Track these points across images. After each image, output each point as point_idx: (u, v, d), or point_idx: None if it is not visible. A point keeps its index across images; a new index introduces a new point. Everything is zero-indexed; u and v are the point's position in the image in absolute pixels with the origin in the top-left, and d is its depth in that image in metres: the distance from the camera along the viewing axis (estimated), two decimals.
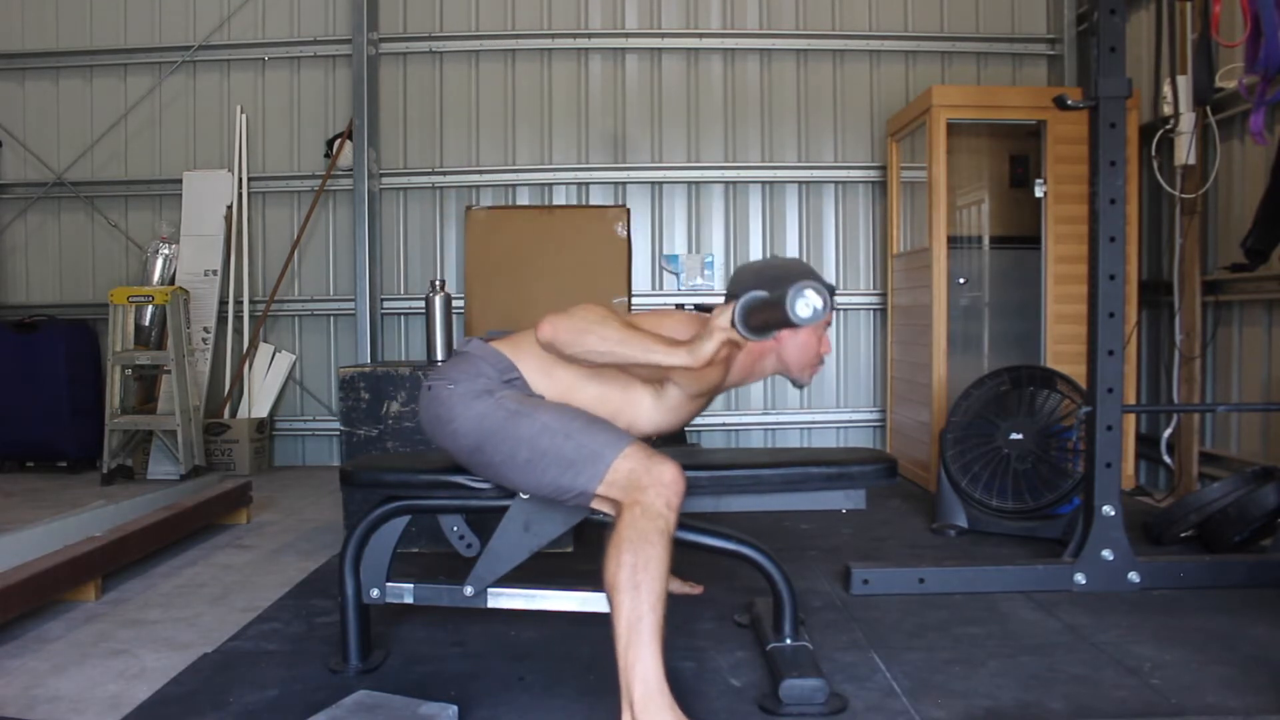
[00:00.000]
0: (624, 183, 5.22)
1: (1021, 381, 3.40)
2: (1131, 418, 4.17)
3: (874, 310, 5.20)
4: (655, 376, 1.94)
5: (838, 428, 5.25)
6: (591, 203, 5.19)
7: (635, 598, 1.65)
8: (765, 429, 5.25)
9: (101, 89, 5.31)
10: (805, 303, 1.48)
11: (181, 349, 4.72)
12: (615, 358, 1.79)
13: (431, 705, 1.78)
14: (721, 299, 5.43)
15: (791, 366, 2.08)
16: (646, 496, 1.73)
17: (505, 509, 1.99)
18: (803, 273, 1.98)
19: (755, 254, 5.23)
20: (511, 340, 2.02)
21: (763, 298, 1.70)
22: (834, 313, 2.03)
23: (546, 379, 1.95)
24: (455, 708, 1.80)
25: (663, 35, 5.19)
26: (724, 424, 5.23)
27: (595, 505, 1.84)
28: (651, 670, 1.63)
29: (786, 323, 1.56)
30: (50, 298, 5.35)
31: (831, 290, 1.64)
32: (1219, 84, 3.60)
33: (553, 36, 5.18)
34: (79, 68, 5.30)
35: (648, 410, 2.00)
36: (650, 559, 1.67)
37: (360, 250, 5.05)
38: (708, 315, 1.83)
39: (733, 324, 1.72)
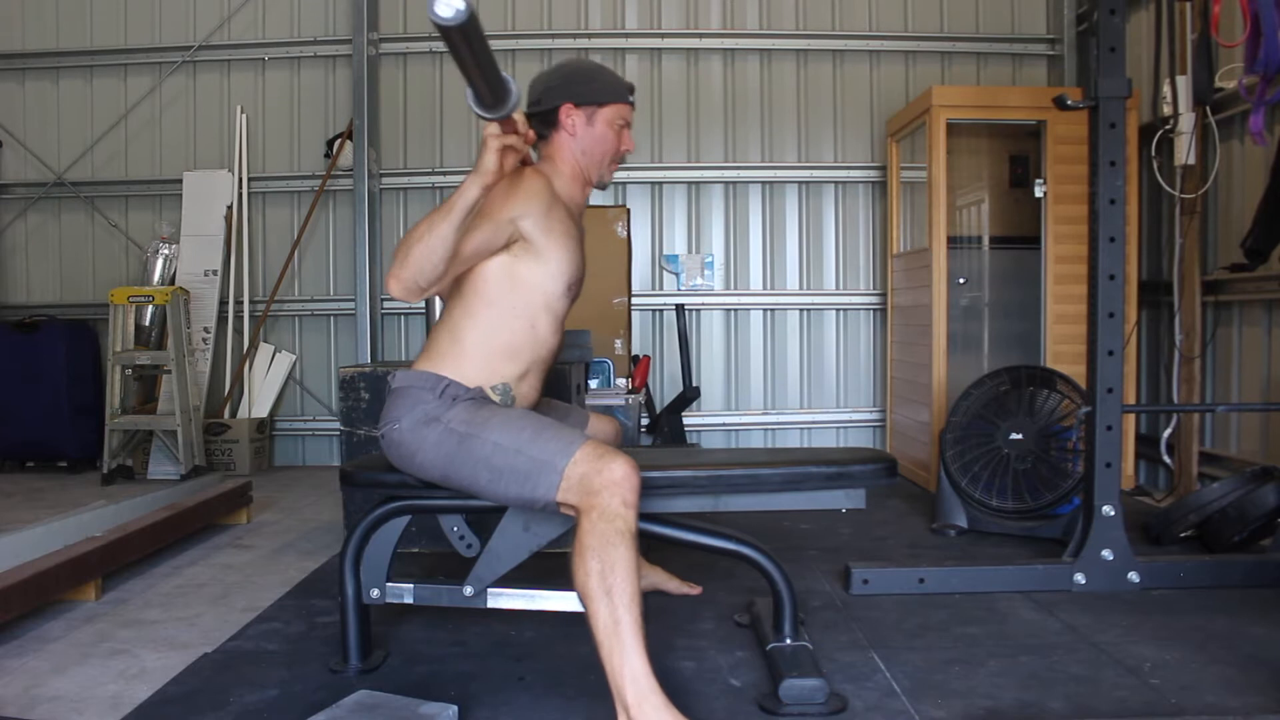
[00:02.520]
0: (624, 183, 5.22)
1: (1021, 381, 3.40)
2: (1131, 418, 4.17)
3: (874, 310, 5.21)
4: (505, 235, 1.93)
5: (838, 428, 5.25)
6: (591, 203, 5.16)
7: (609, 603, 1.65)
8: (765, 429, 5.25)
9: (101, 89, 5.31)
10: (445, 3, 1.44)
11: (181, 349, 4.72)
12: (443, 238, 1.78)
13: (431, 705, 1.78)
14: (720, 299, 5.41)
15: (593, 159, 2.12)
16: (601, 499, 1.72)
17: (505, 509, 1.99)
18: None
19: (755, 254, 5.24)
20: (424, 354, 2.04)
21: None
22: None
23: (467, 358, 1.98)
24: (455, 708, 1.80)
25: (663, 35, 5.19)
26: (724, 424, 5.23)
27: (563, 512, 1.83)
28: (640, 670, 1.63)
29: (467, 49, 1.49)
30: (50, 298, 5.35)
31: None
32: (1219, 84, 3.60)
33: (553, 36, 5.18)
34: (79, 68, 5.30)
35: (539, 271, 1.98)
36: (616, 560, 1.67)
37: (360, 250, 5.05)
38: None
39: (480, 118, 1.73)
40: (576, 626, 2.29)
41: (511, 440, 1.85)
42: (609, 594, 1.65)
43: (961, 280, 4.60)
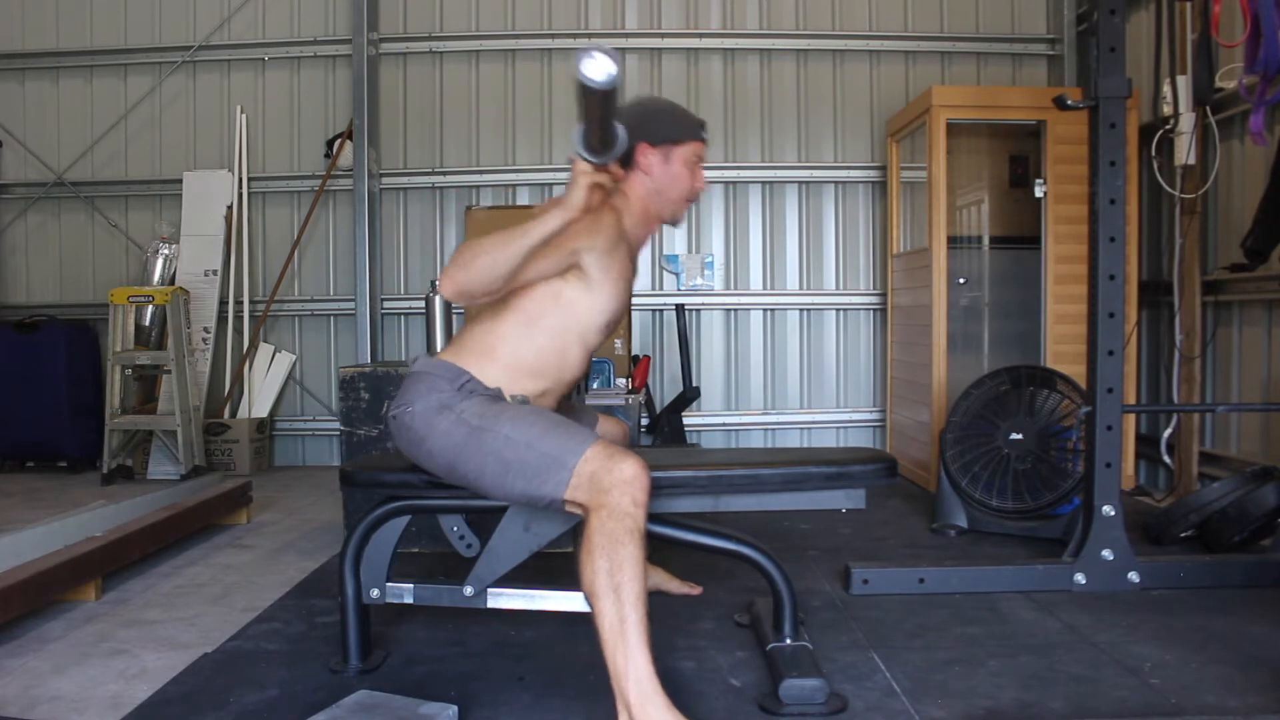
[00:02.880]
0: None
1: (1021, 381, 3.40)
2: (1131, 418, 4.17)
3: (874, 310, 5.21)
4: (566, 264, 1.95)
5: (838, 428, 5.25)
6: None
7: (616, 601, 1.65)
8: (765, 429, 5.25)
9: (101, 89, 5.31)
10: (586, 65, 1.46)
11: (181, 349, 4.72)
12: (511, 258, 1.82)
13: (431, 705, 1.78)
14: (720, 299, 5.41)
15: (668, 199, 2.13)
16: (611, 498, 1.72)
17: (505, 509, 1.99)
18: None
19: (755, 254, 5.24)
20: (452, 344, 2.06)
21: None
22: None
23: (494, 362, 1.98)
24: (455, 708, 1.80)
25: (663, 35, 5.19)
26: (724, 424, 5.23)
27: (569, 510, 1.83)
28: (644, 670, 1.63)
29: (599, 103, 1.53)
30: (50, 298, 5.35)
31: (617, 62, 1.62)
32: (1219, 84, 3.60)
33: (553, 36, 5.18)
34: (79, 68, 5.30)
35: (586, 302, 1.99)
36: (624, 560, 1.67)
37: (360, 250, 5.06)
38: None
39: (580, 158, 1.76)
40: (576, 626, 2.29)
41: (523, 434, 1.85)
42: (616, 592, 1.65)
43: (961, 280, 4.60)
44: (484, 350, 2.00)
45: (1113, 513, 2.66)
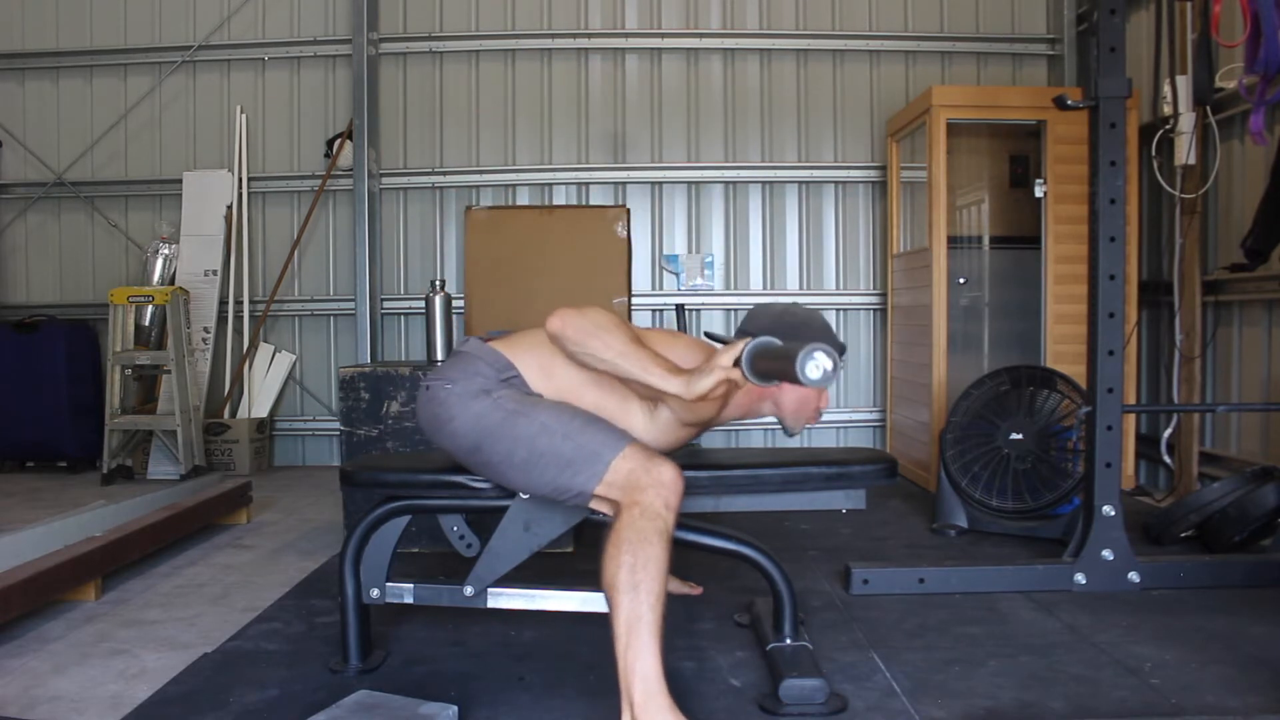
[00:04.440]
0: (624, 183, 5.22)
1: (1021, 381, 3.40)
2: (1131, 418, 4.17)
3: (874, 310, 5.21)
4: (652, 395, 1.92)
5: (838, 428, 5.25)
6: (591, 203, 5.19)
7: (634, 598, 1.65)
8: (765, 429, 5.24)
9: (101, 89, 5.31)
10: (816, 365, 1.46)
11: (181, 349, 4.72)
12: (614, 367, 1.78)
13: (431, 705, 1.78)
14: (720, 299, 5.41)
15: (787, 416, 2.08)
16: (645, 497, 1.72)
17: (505, 509, 1.99)
18: (820, 330, 2.00)
19: (755, 254, 5.24)
20: (510, 340, 2.02)
21: (774, 347, 1.66)
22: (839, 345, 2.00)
23: (546, 379, 1.95)
24: (455, 708, 1.80)
25: (663, 35, 5.19)
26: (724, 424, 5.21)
27: (594, 505, 1.84)
28: (651, 670, 1.63)
29: (793, 379, 1.54)
30: (50, 298, 5.35)
31: (843, 350, 1.62)
32: (1219, 84, 3.60)
33: (553, 36, 5.18)
34: (79, 68, 5.30)
35: (640, 428, 1.97)
36: (649, 559, 1.67)
37: (360, 250, 5.05)
38: (717, 346, 1.80)
39: (738, 363, 1.68)
40: (577, 626, 2.30)
41: (561, 425, 1.84)
42: (636, 589, 1.65)
43: (961, 280, 4.60)
44: (541, 364, 1.95)
45: (1113, 513, 2.66)
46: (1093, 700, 1.91)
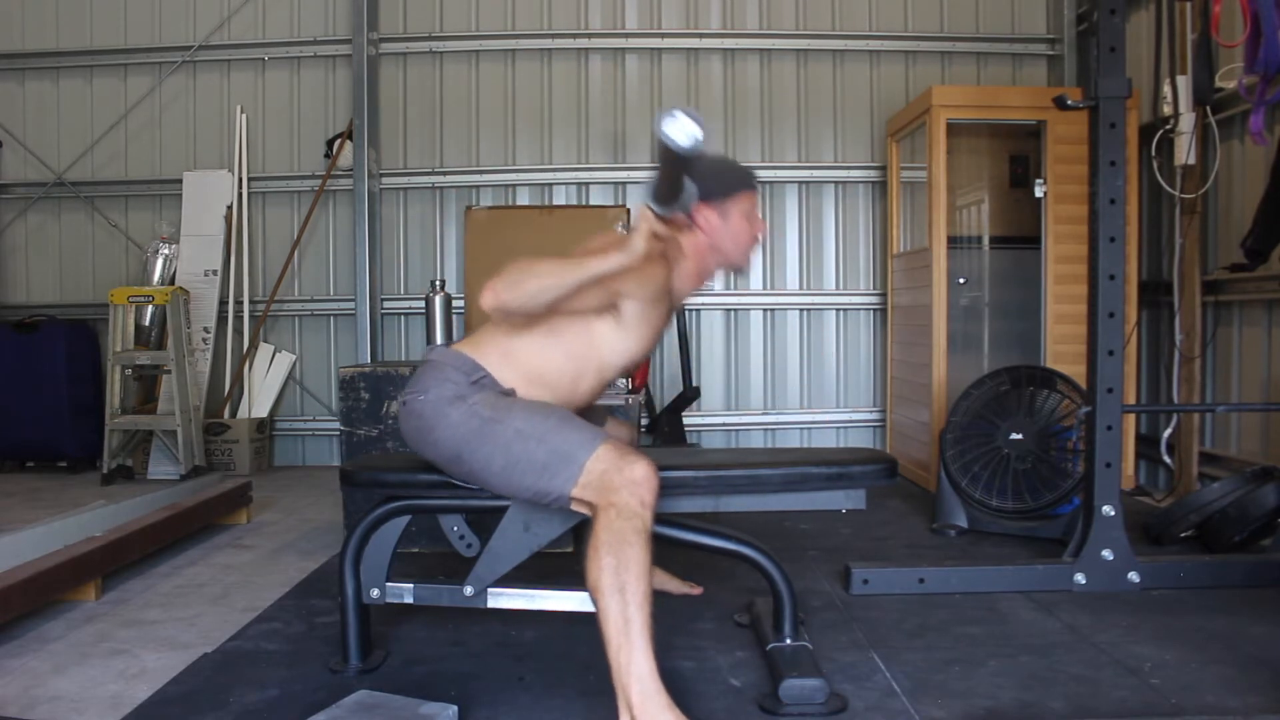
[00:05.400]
0: (624, 183, 5.22)
1: (1021, 381, 3.40)
2: (1131, 418, 4.17)
3: (874, 310, 5.21)
4: (605, 302, 1.95)
5: (838, 428, 5.25)
6: (591, 203, 5.19)
7: (621, 600, 1.66)
8: (765, 429, 5.25)
9: (101, 89, 5.31)
10: (674, 124, 1.46)
11: (181, 349, 4.72)
12: (560, 289, 1.82)
13: (431, 705, 1.78)
14: (720, 299, 5.41)
15: (729, 251, 2.12)
16: (620, 497, 1.72)
17: (505, 509, 1.99)
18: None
19: (755, 254, 5.22)
20: (471, 338, 2.06)
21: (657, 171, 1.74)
22: (761, 200, 2.14)
23: (511, 365, 1.98)
24: (455, 708, 1.80)
25: (663, 35, 5.19)
26: (724, 424, 5.23)
27: (574, 508, 1.83)
28: (646, 670, 1.64)
29: (677, 165, 1.54)
30: (50, 298, 5.35)
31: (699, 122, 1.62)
32: (1219, 84, 3.60)
33: (553, 36, 5.18)
34: (79, 68, 5.30)
35: (613, 341, 2.00)
36: (631, 559, 1.67)
37: (360, 250, 5.05)
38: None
39: (647, 207, 1.77)
40: (576, 626, 2.30)
41: (534, 429, 1.85)
42: (621, 591, 1.66)
43: (961, 280, 4.60)
44: (503, 351, 1.99)
45: (1113, 513, 2.66)
46: (1093, 700, 1.91)
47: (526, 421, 1.86)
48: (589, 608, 2.03)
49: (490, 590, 2.05)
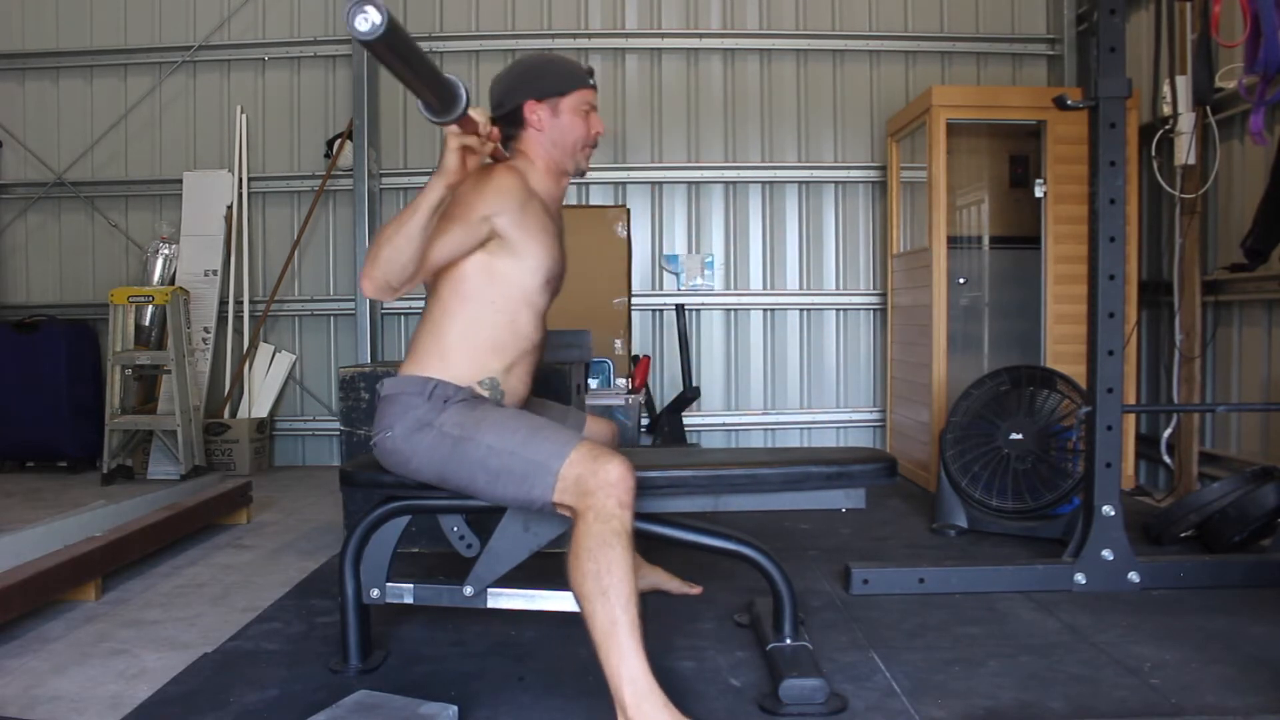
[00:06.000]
0: (624, 183, 5.22)
1: (1021, 381, 3.40)
2: (1131, 418, 4.17)
3: (874, 310, 5.20)
4: (478, 234, 1.93)
5: (838, 428, 5.25)
6: (591, 203, 5.19)
7: (606, 603, 1.65)
8: (765, 429, 5.25)
9: (101, 89, 5.31)
10: (361, 17, 1.43)
11: (181, 349, 4.72)
12: (409, 237, 1.80)
13: (431, 705, 1.78)
14: (720, 299, 5.40)
15: (566, 149, 2.12)
16: (596, 500, 1.72)
17: (504, 509, 1.99)
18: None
19: (755, 254, 5.24)
20: (409, 357, 2.05)
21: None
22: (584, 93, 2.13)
23: (452, 358, 1.97)
24: (455, 708, 1.80)
25: (663, 35, 5.19)
26: (724, 424, 5.23)
27: (560, 512, 1.83)
28: (638, 670, 1.63)
29: (395, 59, 1.48)
30: (50, 298, 5.35)
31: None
32: (1219, 84, 3.60)
33: (553, 37, 5.18)
34: (79, 68, 5.30)
35: (514, 265, 1.98)
36: (612, 562, 1.67)
37: (360, 250, 5.05)
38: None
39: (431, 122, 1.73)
40: (576, 626, 2.28)
41: (505, 443, 1.85)
42: (605, 594, 1.65)
43: (961, 280, 4.60)
44: (437, 348, 1.99)
45: (1113, 513, 2.66)
46: (1093, 700, 1.91)
47: (497, 436, 1.86)
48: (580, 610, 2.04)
49: (490, 590, 2.05)
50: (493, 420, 1.90)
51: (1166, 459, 4.13)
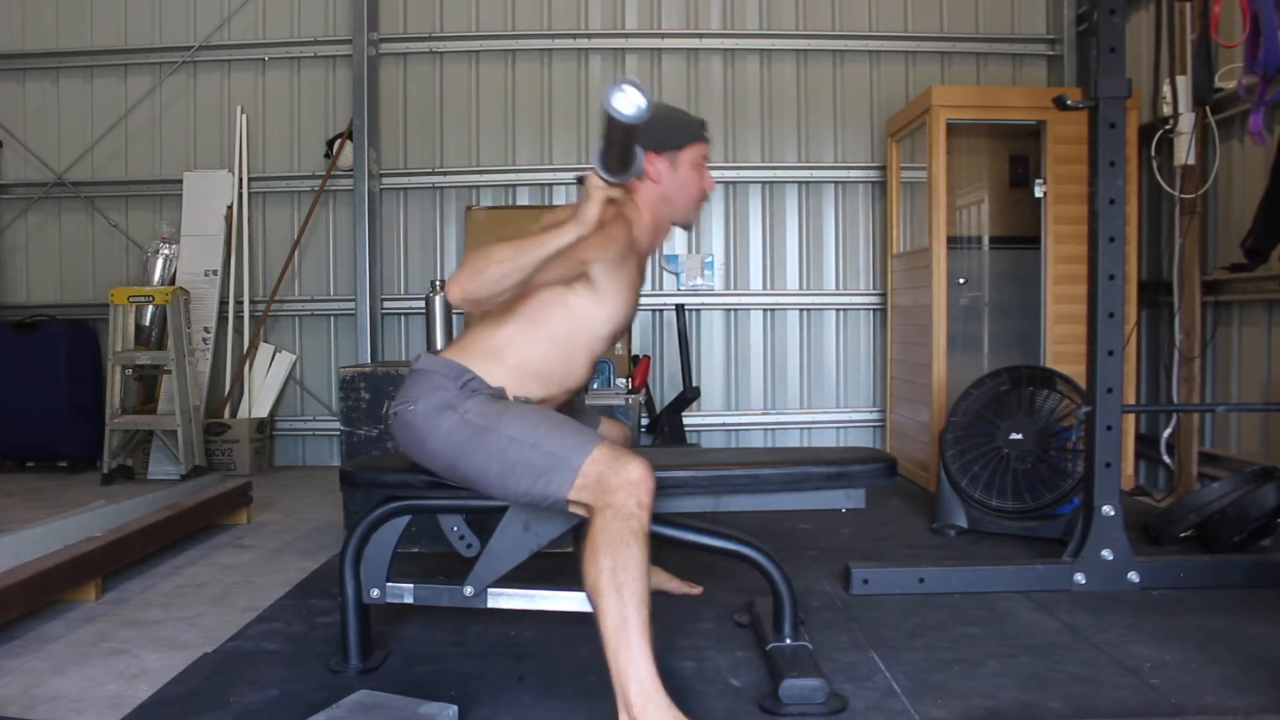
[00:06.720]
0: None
1: (1021, 381, 3.40)
2: (1131, 418, 4.17)
3: (874, 310, 5.21)
4: (574, 272, 1.95)
5: (838, 428, 5.25)
6: None
7: (619, 600, 1.65)
8: (765, 429, 5.25)
9: (102, 89, 5.31)
10: (622, 97, 1.48)
11: (182, 349, 4.72)
12: (521, 269, 1.82)
13: (431, 705, 1.78)
14: (720, 299, 5.41)
15: (678, 205, 2.14)
16: (616, 498, 1.72)
17: (505, 509, 1.99)
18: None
19: (755, 254, 5.24)
20: (457, 343, 2.07)
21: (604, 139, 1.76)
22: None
23: (498, 363, 1.98)
24: (455, 708, 1.80)
25: (663, 35, 5.19)
26: (724, 424, 5.23)
27: (572, 510, 1.83)
28: (645, 670, 1.63)
29: (624, 131, 1.55)
30: (50, 298, 5.35)
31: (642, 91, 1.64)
32: (1219, 84, 3.60)
33: (553, 37, 5.18)
34: (79, 68, 5.30)
35: (593, 310, 2.00)
36: (628, 560, 1.67)
37: (360, 250, 5.05)
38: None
39: (597, 175, 1.78)
40: (576, 626, 2.29)
41: (528, 435, 1.85)
42: (619, 592, 1.66)
43: (961, 280, 4.60)
44: (489, 351, 1.99)
45: (1113, 513, 2.66)
46: (1093, 700, 1.91)
47: (519, 428, 1.86)
48: (589, 608, 2.03)
49: (490, 590, 2.05)
50: (516, 413, 1.90)
51: (1166, 459, 4.13)
